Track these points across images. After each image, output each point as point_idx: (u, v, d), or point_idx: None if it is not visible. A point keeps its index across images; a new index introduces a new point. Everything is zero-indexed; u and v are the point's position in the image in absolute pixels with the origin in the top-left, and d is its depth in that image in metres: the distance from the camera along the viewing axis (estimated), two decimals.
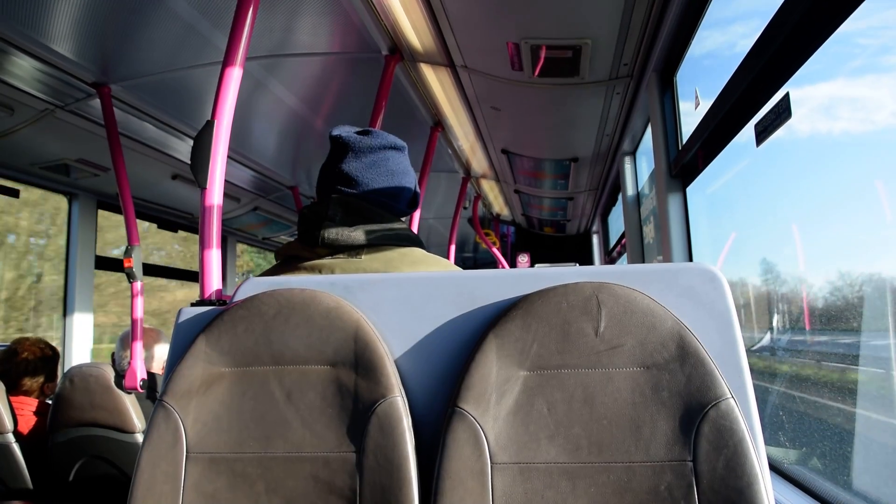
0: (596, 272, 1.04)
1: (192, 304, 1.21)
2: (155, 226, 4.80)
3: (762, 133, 1.51)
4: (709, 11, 1.98)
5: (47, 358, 2.90)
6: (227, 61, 1.58)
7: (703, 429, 0.90)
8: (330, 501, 0.97)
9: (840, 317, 1.57)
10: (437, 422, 1.02)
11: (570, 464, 0.92)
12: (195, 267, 5.24)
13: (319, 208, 1.34)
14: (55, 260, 4.23)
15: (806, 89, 1.46)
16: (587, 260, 6.92)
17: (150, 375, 2.77)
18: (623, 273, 1.03)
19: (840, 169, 1.53)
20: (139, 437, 2.49)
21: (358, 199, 1.36)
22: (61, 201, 3.96)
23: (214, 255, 1.48)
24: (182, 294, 6.33)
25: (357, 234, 1.30)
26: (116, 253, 4.56)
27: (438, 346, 1.07)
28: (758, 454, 0.89)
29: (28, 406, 2.74)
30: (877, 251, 1.38)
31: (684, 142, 2.34)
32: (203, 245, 1.47)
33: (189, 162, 1.55)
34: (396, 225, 1.36)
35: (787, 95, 1.40)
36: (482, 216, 6.42)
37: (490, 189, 5.42)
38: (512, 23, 2.23)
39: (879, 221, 1.34)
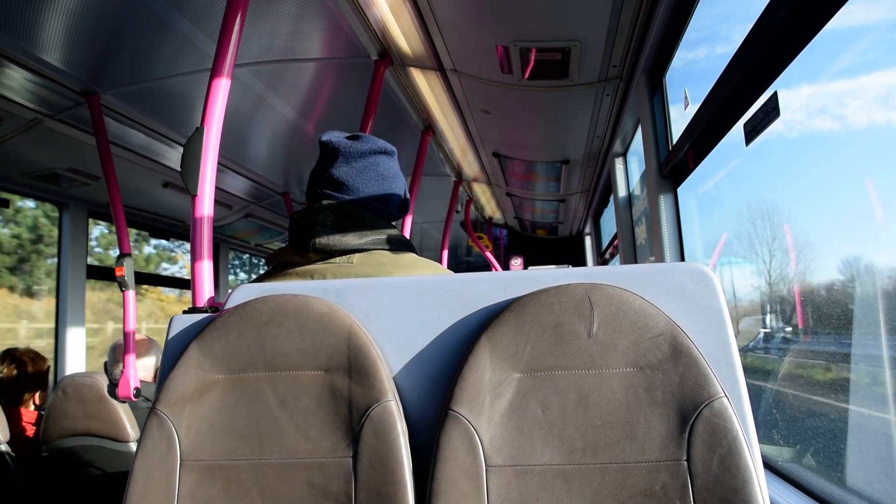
0: (588, 273, 1.04)
1: (185, 312, 1.20)
2: None
3: (751, 132, 1.52)
4: (696, 12, 1.99)
5: (40, 368, 2.89)
6: (215, 68, 1.58)
7: (698, 428, 0.90)
8: None
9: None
10: (431, 425, 1.02)
11: (565, 465, 0.92)
12: None
13: (310, 214, 1.33)
14: None
15: (860, 80, 1.44)
16: (580, 262, 6.93)
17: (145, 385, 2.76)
18: (615, 274, 1.03)
19: None
20: (133, 446, 2.48)
21: (348, 204, 1.36)
22: None
23: (206, 263, 1.47)
24: None
25: (348, 239, 1.30)
26: None
27: (431, 349, 1.07)
28: (752, 452, 0.89)
29: (21, 416, 2.73)
30: None
31: (674, 142, 2.35)
32: (195, 252, 1.47)
33: (179, 170, 1.54)
34: (388, 229, 1.36)
35: (775, 94, 1.40)
36: (474, 219, 6.42)
37: (482, 192, 5.43)
38: (501, 26, 2.23)
39: None
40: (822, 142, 1.65)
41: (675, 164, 2.28)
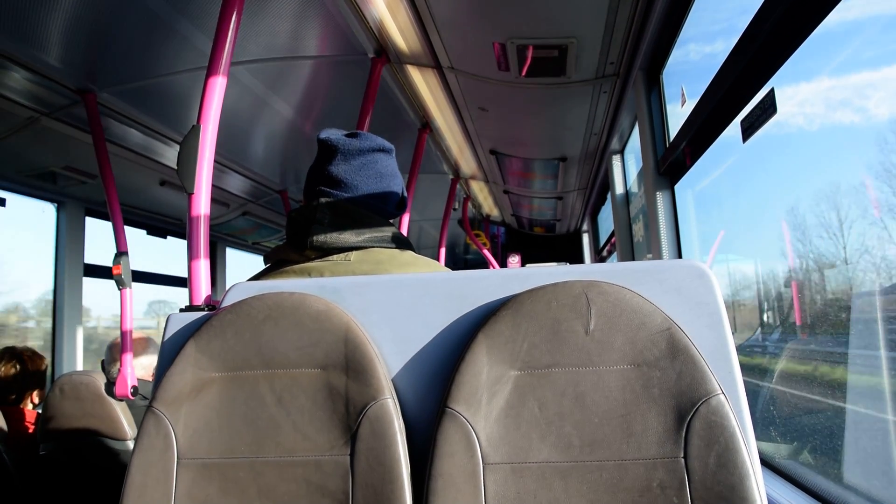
0: (585, 271, 1.04)
1: (182, 310, 1.20)
2: None
3: (748, 129, 1.52)
4: (693, 9, 1.98)
5: (38, 366, 2.88)
6: (211, 66, 1.57)
7: (695, 425, 0.90)
8: None
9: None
10: (428, 423, 1.02)
11: (562, 463, 0.92)
12: None
13: (307, 211, 1.33)
14: None
15: (884, 71, 1.41)
16: (578, 259, 6.94)
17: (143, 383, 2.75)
18: (612, 271, 1.03)
19: None
20: (130, 445, 2.47)
21: (346, 201, 1.36)
22: None
23: (203, 261, 1.47)
24: None
25: (346, 237, 1.29)
26: None
27: (429, 347, 1.07)
28: (749, 449, 0.89)
29: (18, 415, 2.72)
30: None
31: (671, 139, 2.35)
32: (191, 250, 1.46)
33: (176, 167, 1.54)
34: (386, 227, 1.36)
35: (772, 91, 1.40)
36: (472, 217, 6.42)
37: (479, 190, 5.42)
38: (498, 23, 2.23)
39: None
40: None
41: (672, 162, 2.28)
